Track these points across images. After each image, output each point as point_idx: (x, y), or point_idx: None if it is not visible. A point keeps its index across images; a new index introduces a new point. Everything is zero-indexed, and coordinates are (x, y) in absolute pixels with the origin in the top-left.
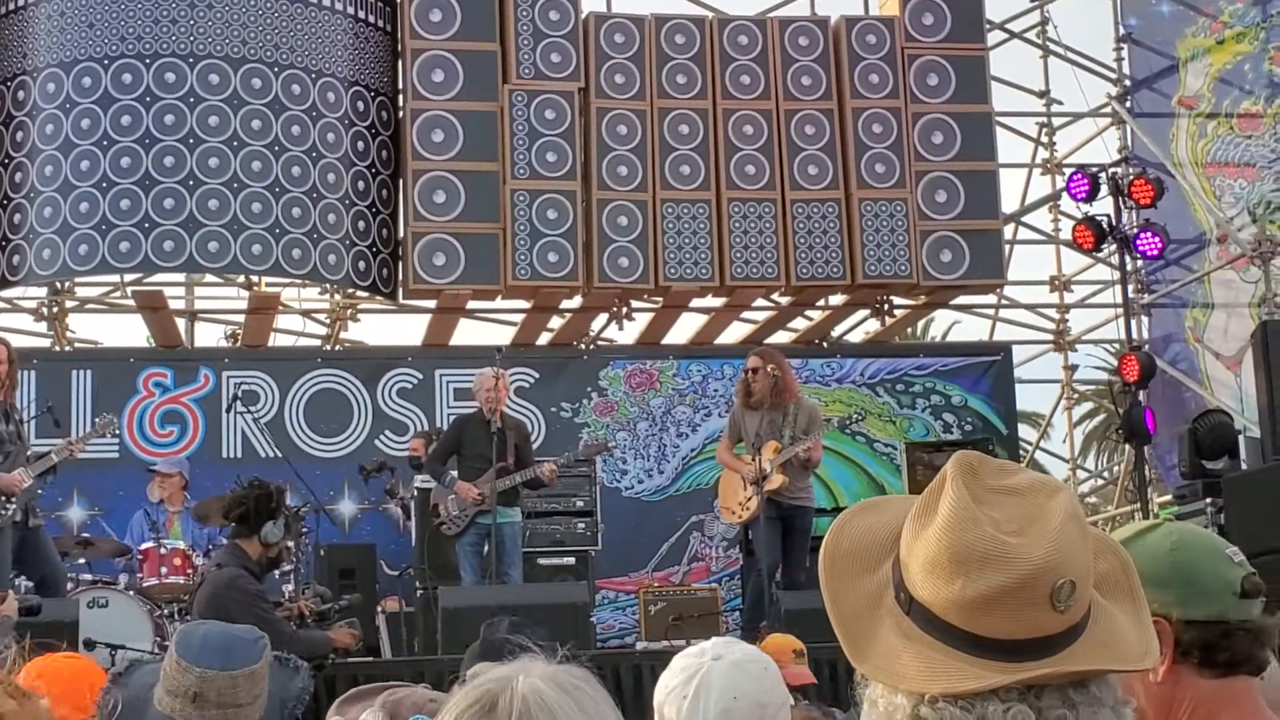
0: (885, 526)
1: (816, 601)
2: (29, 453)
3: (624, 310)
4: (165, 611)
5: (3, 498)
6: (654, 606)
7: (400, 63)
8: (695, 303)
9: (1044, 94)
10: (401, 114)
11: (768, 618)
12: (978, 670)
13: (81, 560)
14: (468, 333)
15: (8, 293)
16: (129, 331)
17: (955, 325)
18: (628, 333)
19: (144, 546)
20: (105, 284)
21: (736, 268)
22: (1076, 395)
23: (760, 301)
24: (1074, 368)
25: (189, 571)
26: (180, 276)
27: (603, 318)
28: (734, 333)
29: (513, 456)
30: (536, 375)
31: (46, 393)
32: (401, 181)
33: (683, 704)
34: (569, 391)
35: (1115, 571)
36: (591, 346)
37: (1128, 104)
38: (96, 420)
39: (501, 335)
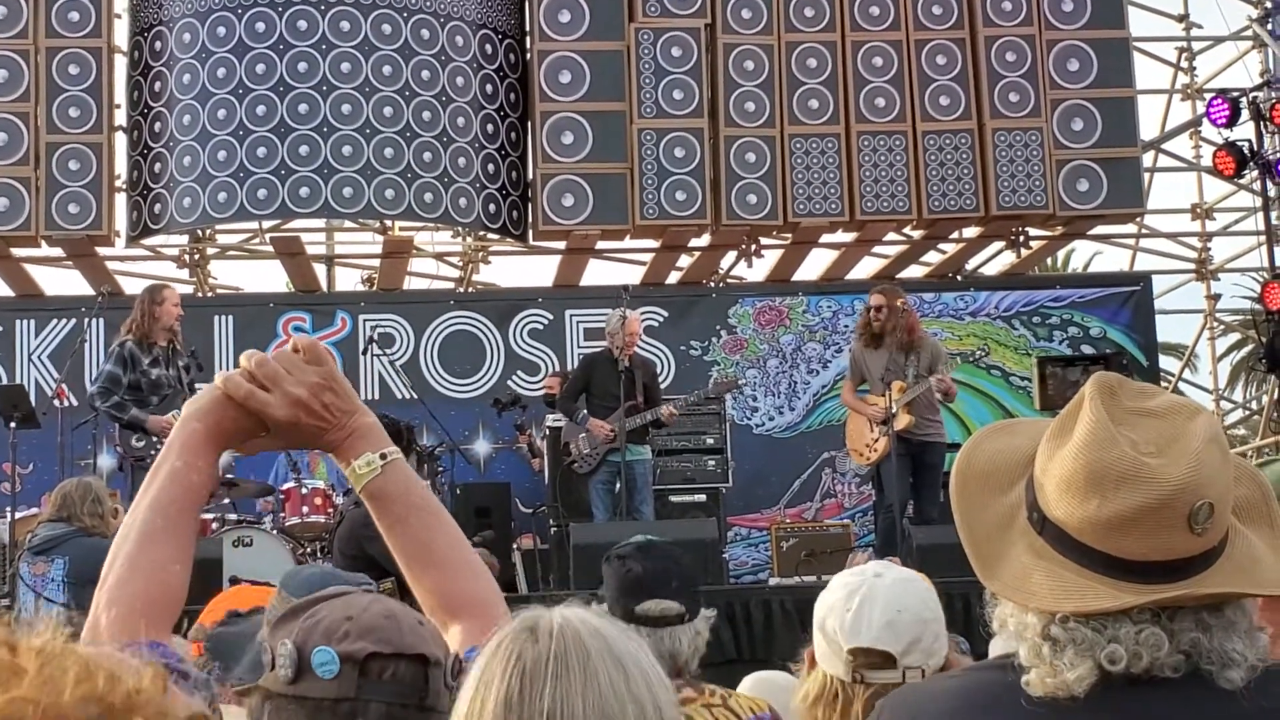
0: (1018, 448)
1: (948, 537)
2: (182, 398)
3: (753, 247)
4: (307, 549)
5: (153, 439)
6: (786, 543)
7: (527, 4)
8: (825, 238)
9: (1183, 18)
10: (529, 56)
11: (899, 553)
12: (1111, 590)
13: (226, 500)
14: (597, 273)
15: (151, 240)
16: (268, 277)
17: (1097, 256)
18: (757, 270)
19: (286, 486)
20: (244, 231)
21: (867, 202)
22: (1221, 326)
23: (892, 236)
24: (1217, 297)
25: (329, 510)
26: (317, 222)
27: (731, 255)
28: (865, 268)
29: (641, 395)
30: (666, 314)
31: (189, 338)
32: (530, 123)
33: (845, 616)
34: (698, 330)
35: (1254, 498)
36: (721, 284)
37: (1269, 26)
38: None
39: (631, 275)
